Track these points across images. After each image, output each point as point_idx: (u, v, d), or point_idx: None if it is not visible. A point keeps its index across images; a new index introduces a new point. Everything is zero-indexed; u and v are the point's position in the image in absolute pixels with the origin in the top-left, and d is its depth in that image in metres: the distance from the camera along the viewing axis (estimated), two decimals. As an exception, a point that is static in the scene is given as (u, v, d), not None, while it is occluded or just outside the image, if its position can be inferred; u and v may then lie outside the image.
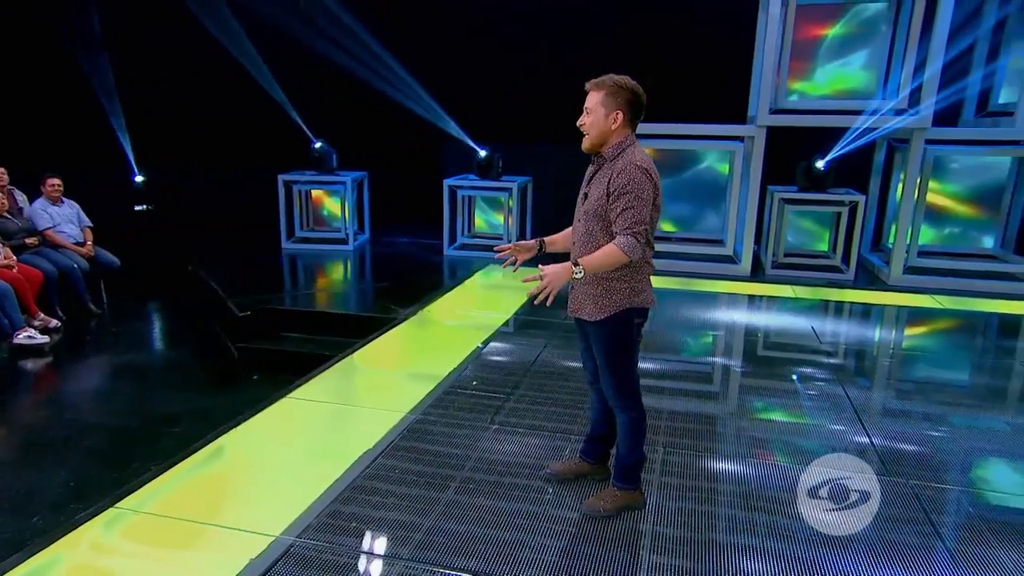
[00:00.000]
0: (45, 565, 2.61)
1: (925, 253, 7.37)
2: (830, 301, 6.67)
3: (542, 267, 2.53)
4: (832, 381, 4.58)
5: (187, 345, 6.10)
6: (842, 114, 7.06)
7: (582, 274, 2.55)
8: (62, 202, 6.55)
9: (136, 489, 3.11)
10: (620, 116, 2.59)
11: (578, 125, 2.68)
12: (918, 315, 6.31)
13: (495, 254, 2.98)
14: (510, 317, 5.78)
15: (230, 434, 3.65)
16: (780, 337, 5.73)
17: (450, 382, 4.38)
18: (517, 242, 2.91)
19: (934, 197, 7.51)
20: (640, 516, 2.96)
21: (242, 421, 3.78)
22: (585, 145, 2.68)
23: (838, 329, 6.05)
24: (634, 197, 2.51)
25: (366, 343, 5.11)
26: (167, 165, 9.84)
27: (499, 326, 5.54)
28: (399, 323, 5.58)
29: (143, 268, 7.56)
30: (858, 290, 7.00)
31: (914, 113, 6.78)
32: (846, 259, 7.41)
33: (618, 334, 2.72)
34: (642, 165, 2.53)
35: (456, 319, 5.95)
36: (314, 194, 9.01)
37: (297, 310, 6.15)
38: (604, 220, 2.61)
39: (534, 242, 2.89)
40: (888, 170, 8.04)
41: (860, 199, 7.32)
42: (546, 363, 4.79)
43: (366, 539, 2.78)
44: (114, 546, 2.76)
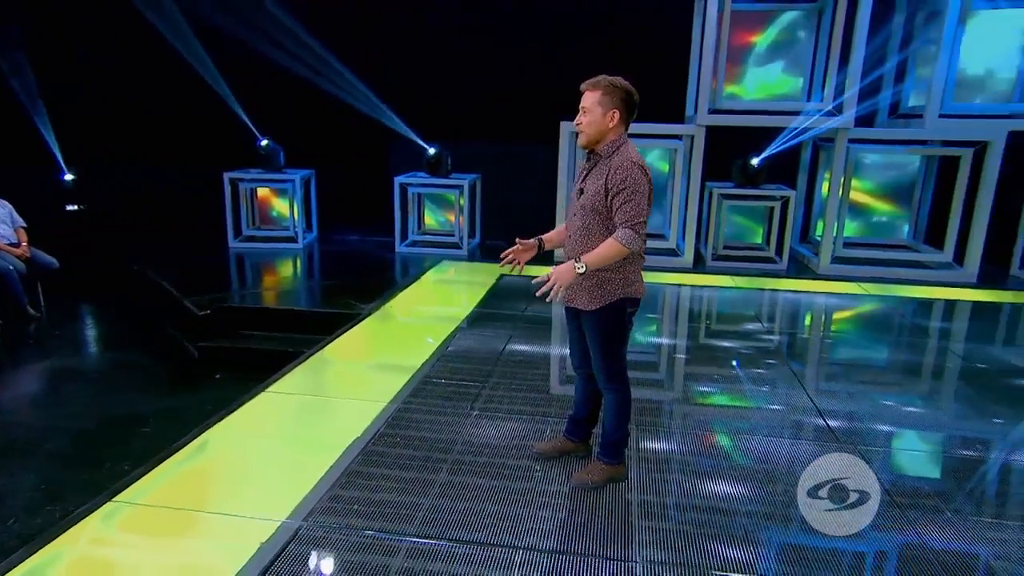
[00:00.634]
0: (47, 561, 2.60)
1: (850, 244, 7.98)
2: (765, 290, 7.13)
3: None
4: (775, 359, 4.97)
5: (139, 346, 5.96)
6: (775, 115, 7.56)
7: (584, 269, 2.73)
8: (-9, 203, 6.27)
9: (131, 483, 3.10)
10: (616, 115, 2.78)
11: (575, 124, 2.86)
12: (844, 301, 6.84)
13: (499, 262, 3.12)
14: (472, 310, 5.93)
15: (214, 428, 3.66)
16: (725, 322, 6.13)
17: (424, 373, 4.49)
18: (519, 241, 3.04)
19: (856, 194, 8.15)
20: (625, 487, 3.18)
21: (225, 416, 3.79)
22: (581, 142, 2.87)
23: (776, 314, 6.51)
24: (632, 192, 2.70)
25: (334, 338, 5.15)
26: (102, 163, 9.46)
27: (463, 319, 5.68)
28: (363, 319, 5.64)
29: (82, 269, 7.28)
30: (791, 279, 7.51)
31: (838, 114, 7.34)
32: (779, 251, 7.93)
33: (612, 322, 2.92)
34: (638, 162, 2.74)
35: (418, 314, 6.05)
36: (261, 192, 8.87)
37: (257, 308, 6.09)
38: (601, 214, 2.80)
39: (534, 241, 3.06)
40: (814, 167, 8.64)
41: (791, 194, 7.85)
42: (514, 352, 4.97)
43: (371, 519, 2.89)
44: (122, 539, 2.76)
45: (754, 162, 7.76)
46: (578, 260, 2.73)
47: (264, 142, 8.39)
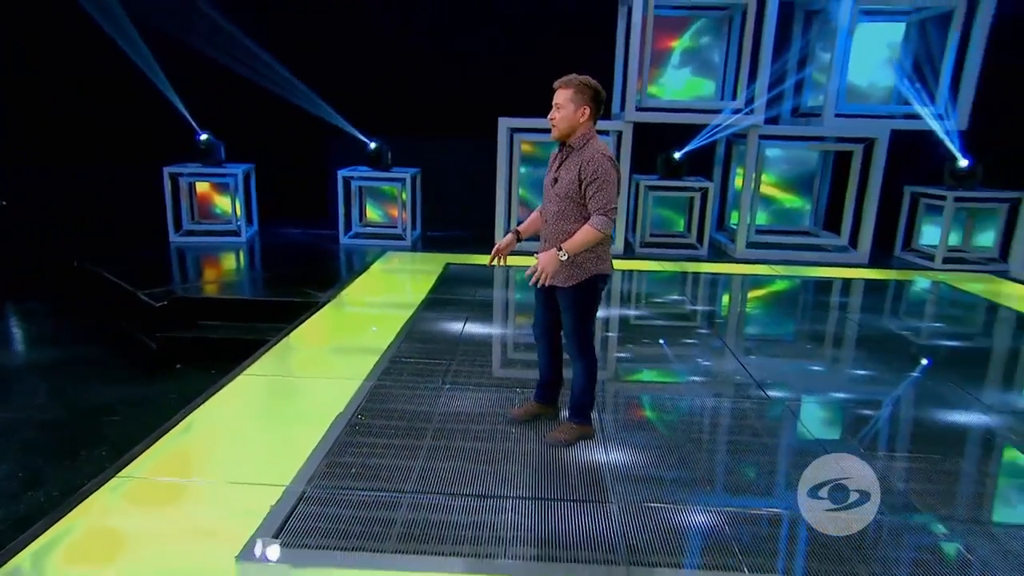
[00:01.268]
0: (58, 537, 2.74)
1: (761, 231, 8.79)
2: (688, 273, 7.79)
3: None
4: (706, 332, 5.58)
5: (92, 341, 5.90)
6: (696, 112, 8.24)
7: (566, 256, 3.13)
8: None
9: (132, 460, 3.24)
10: (587, 111, 3.17)
11: (548, 119, 3.24)
12: (759, 281, 7.60)
13: (489, 263, 3.54)
14: (426, 296, 6.22)
15: (201, 409, 3.83)
16: (656, 303, 6.71)
17: (391, 354, 4.78)
18: (498, 244, 3.49)
19: (764, 186, 8.97)
20: (593, 444, 3.61)
21: (207, 397, 3.95)
22: (554, 135, 3.25)
23: (701, 294, 7.17)
24: (603, 182, 3.11)
25: (296, 325, 5.33)
26: (26, 160, 9.01)
27: (419, 305, 5.97)
28: (321, 307, 5.82)
29: (16, 266, 7.04)
30: (711, 263, 8.22)
31: (750, 112, 8.08)
32: (700, 238, 8.63)
33: (586, 297, 3.33)
34: (607, 154, 3.15)
35: (374, 302, 6.28)
36: (200, 186, 8.75)
37: (215, 298, 6.15)
38: (575, 201, 3.19)
39: (511, 235, 3.46)
40: (728, 162, 9.42)
41: (709, 186, 8.56)
42: (472, 333, 5.32)
43: (370, 480, 3.18)
44: (134, 510, 2.91)
45: (676, 156, 8.41)
46: (560, 249, 3.12)
47: (204, 136, 8.31)
